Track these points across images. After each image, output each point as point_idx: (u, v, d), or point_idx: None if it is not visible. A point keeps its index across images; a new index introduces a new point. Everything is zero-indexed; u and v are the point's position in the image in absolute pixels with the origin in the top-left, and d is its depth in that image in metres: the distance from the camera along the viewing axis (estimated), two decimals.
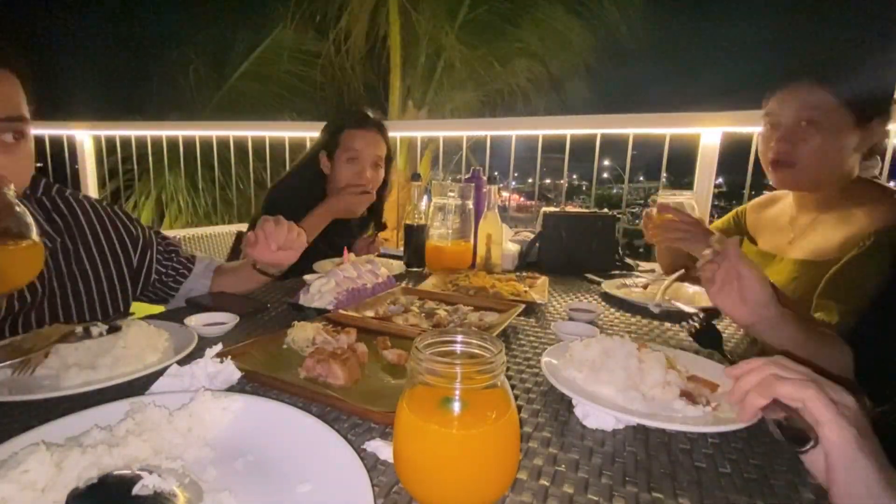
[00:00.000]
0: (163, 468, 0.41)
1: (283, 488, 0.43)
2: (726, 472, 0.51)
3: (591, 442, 0.56)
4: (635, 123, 2.11)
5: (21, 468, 0.38)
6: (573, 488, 0.47)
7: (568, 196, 3.26)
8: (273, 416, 0.53)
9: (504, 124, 2.57)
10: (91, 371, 0.65)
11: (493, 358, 0.42)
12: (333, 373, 0.66)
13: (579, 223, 1.56)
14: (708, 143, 1.90)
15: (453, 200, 1.48)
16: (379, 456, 0.51)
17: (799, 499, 0.47)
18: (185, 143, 3.31)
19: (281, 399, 0.60)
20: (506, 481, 0.44)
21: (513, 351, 0.86)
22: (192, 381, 0.61)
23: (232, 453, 0.48)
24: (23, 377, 0.65)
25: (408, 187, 5.47)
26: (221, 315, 0.92)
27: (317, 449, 0.48)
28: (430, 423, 0.40)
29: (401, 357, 0.74)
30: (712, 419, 0.58)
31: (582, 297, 1.28)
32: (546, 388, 0.70)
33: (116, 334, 0.72)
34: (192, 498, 0.39)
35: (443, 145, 2.82)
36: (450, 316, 0.99)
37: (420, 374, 0.41)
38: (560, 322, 0.97)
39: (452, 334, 0.46)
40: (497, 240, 1.44)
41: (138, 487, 0.37)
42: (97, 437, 0.46)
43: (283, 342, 0.81)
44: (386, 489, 0.46)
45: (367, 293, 1.10)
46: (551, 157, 3.16)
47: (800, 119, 1.06)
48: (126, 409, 0.50)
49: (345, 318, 0.91)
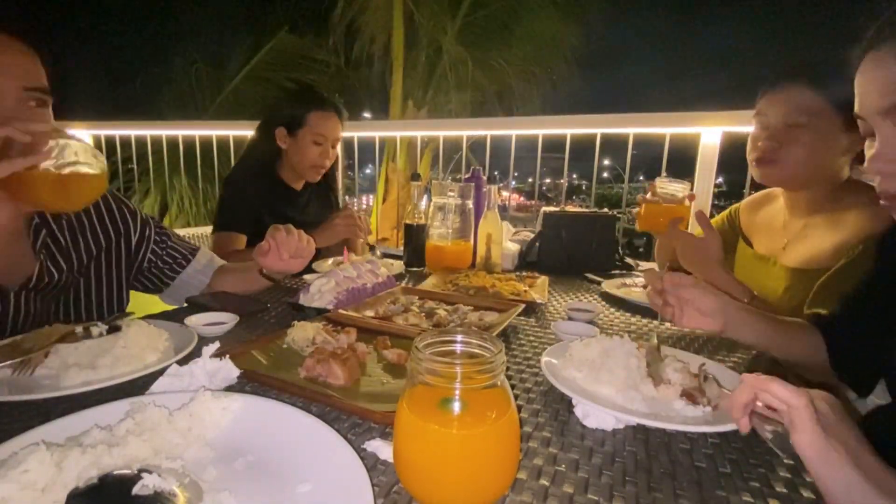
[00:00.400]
0: (163, 468, 0.41)
1: (283, 488, 0.43)
2: (726, 472, 0.51)
3: (591, 442, 0.56)
4: (635, 123, 2.11)
5: (21, 468, 0.38)
6: (573, 488, 0.47)
7: (568, 196, 3.26)
8: (273, 416, 0.53)
9: (504, 124, 2.57)
10: (91, 371, 0.65)
11: (493, 358, 0.42)
12: (333, 373, 0.66)
13: (579, 223, 1.56)
14: (708, 143, 1.89)
15: (453, 200, 1.48)
16: (379, 456, 0.51)
17: (799, 499, 0.47)
18: (185, 143, 3.31)
19: (281, 399, 0.60)
20: (506, 481, 0.44)
21: (513, 351, 0.86)
22: (192, 381, 0.62)
23: (232, 453, 0.48)
24: (23, 377, 0.65)
25: (408, 187, 5.47)
26: (221, 315, 0.92)
27: (317, 449, 0.47)
28: (430, 423, 0.40)
29: (401, 357, 0.74)
30: (712, 419, 0.58)
31: (582, 296, 1.28)
32: (546, 388, 0.70)
33: (116, 334, 0.72)
34: (192, 498, 0.39)
35: (443, 145, 2.82)
36: (450, 316, 0.99)
37: (420, 374, 0.41)
38: (560, 322, 0.97)
39: (452, 334, 0.46)
40: (497, 239, 1.44)
41: (138, 487, 0.37)
42: (97, 437, 0.46)
43: (283, 342, 0.81)
44: (386, 489, 0.46)
45: (367, 293, 1.10)
46: (551, 156, 3.16)
47: (787, 120, 1.07)
48: (126, 408, 0.50)
49: (345, 318, 0.91)
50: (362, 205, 7.90)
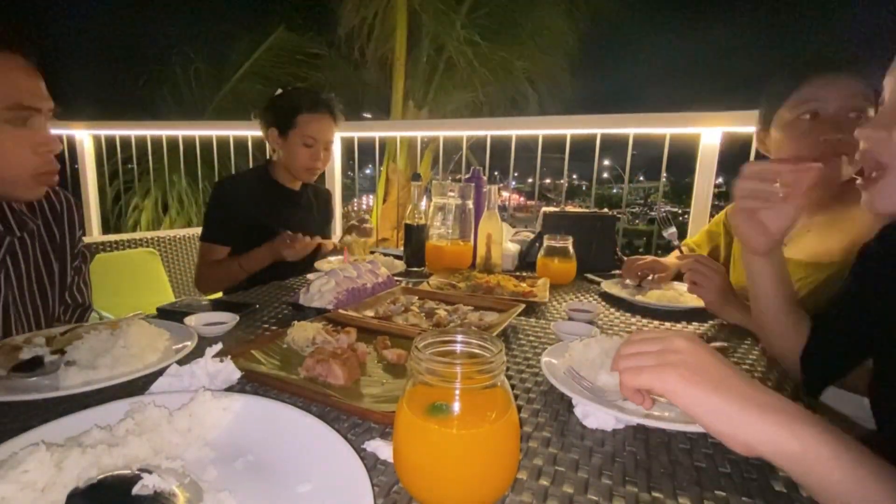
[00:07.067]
0: (163, 468, 0.41)
1: (283, 488, 0.43)
2: (726, 472, 0.51)
3: (591, 442, 0.56)
4: (635, 123, 2.11)
5: (21, 468, 0.38)
6: (573, 488, 0.47)
7: (568, 196, 3.26)
8: (273, 416, 0.53)
9: (504, 124, 2.57)
10: (91, 371, 0.65)
11: (493, 358, 0.41)
12: (333, 373, 0.66)
13: (579, 223, 1.56)
14: (708, 143, 1.89)
15: (453, 200, 1.48)
16: (379, 456, 0.51)
17: (799, 499, 0.47)
18: (185, 143, 3.31)
19: (281, 399, 0.60)
20: (506, 481, 0.44)
21: (513, 351, 0.86)
22: (192, 381, 0.62)
23: (232, 453, 0.48)
24: (18, 381, 0.65)
25: (408, 187, 5.47)
26: (221, 315, 0.92)
27: (317, 449, 0.47)
28: (430, 423, 0.40)
29: (401, 357, 0.74)
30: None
31: (582, 296, 1.28)
32: (546, 388, 0.70)
33: (116, 333, 0.72)
34: (192, 498, 0.39)
35: (443, 145, 2.82)
36: (450, 316, 0.99)
37: (420, 374, 0.41)
38: (560, 322, 0.97)
39: (452, 334, 0.46)
40: (497, 239, 1.44)
41: (138, 487, 0.37)
42: (97, 437, 0.46)
43: (283, 342, 0.81)
44: (386, 489, 0.46)
45: (367, 293, 1.10)
46: (551, 157, 3.16)
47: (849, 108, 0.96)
48: (126, 408, 0.50)
49: (345, 318, 0.91)
50: (362, 205, 7.90)
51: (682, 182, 23.00)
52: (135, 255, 2.07)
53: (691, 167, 1.96)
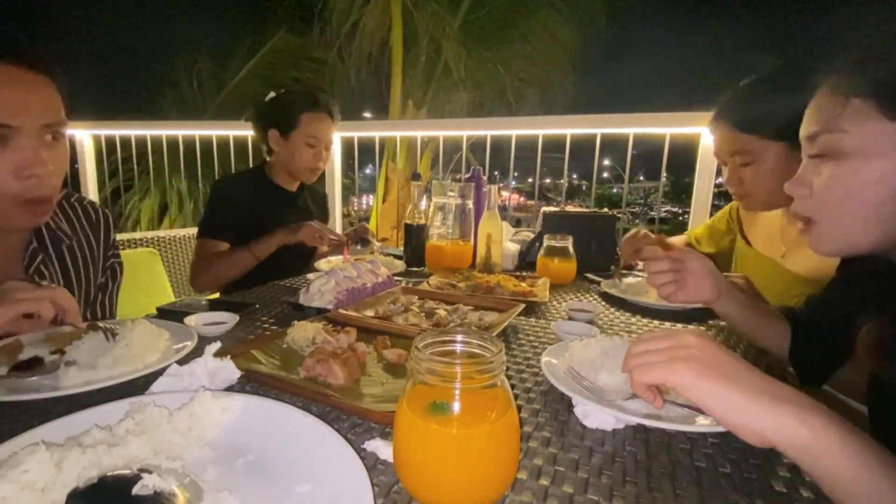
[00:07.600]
0: (163, 468, 0.41)
1: (283, 488, 0.43)
2: (726, 472, 0.51)
3: (590, 442, 0.56)
4: (635, 123, 2.11)
5: (21, 468, 0.38)
6: (573, 488, 0.47)
7: (568, 196, 3.26)
8: (273, 416, 0.53)
9: (504, 124, 2.57)
10: (91, 371, 0.65)
11: (493, 357, 0.41)
12: (333, 373, 0.66)
13: (579, 223, 1.56)
14: (708, 143, 1.89)
15: (453, 200, 1.48)
16: (379, 456, 0.51)
17: (799, 499, 0.47)
18: (185, 143, 3.31)
19: (281, 399, 0.59)
20: (506, 481, 0.44)
21: (513, 351, 0.86)
22: (192, 381, 0.61)
23: (232, 453, 0.48)
24: (18, 381, 0.65)
25: (408, 187, 5.47)
26: (221, 315, 0.92)
27: (317, 449, 0.47)
28: (430, 423, 0.40)
29: (401, 357, 0.74)
30: (712, 419, 0.58)
31: (582, 296, 1.28)
32: (546, 388, 0.70)
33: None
34: (192, 498, 0.39)
35: (443, 145, 2.82)
36: (450, 316, 0.99)
37: (420, 374, 0.41)
38: (560, 322, 0.97)
39: (452, 334, 0.46)
40: (497, 239, 1.44)
41: (138, 487, 0.37)
42: (97, 437, 0.46)
43: (283, 342, 0.81)
44: (386, 489, 0.46)
45: (367, 293, 1.10)
46: (551, 156, 3.16)
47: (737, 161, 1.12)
48: (126, 408, 0.50)
49: (345, 318, 0.91)
50: (362, 205, 7.90)
51: (681, 182, 22.95)
52: (135, 255, 2.07)
53: (691, 167, 1.96)
